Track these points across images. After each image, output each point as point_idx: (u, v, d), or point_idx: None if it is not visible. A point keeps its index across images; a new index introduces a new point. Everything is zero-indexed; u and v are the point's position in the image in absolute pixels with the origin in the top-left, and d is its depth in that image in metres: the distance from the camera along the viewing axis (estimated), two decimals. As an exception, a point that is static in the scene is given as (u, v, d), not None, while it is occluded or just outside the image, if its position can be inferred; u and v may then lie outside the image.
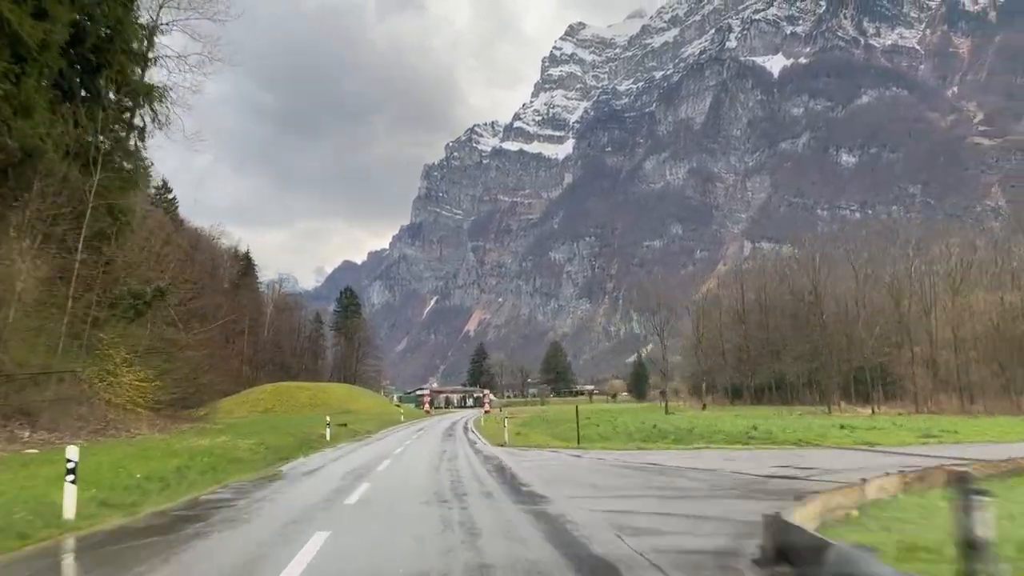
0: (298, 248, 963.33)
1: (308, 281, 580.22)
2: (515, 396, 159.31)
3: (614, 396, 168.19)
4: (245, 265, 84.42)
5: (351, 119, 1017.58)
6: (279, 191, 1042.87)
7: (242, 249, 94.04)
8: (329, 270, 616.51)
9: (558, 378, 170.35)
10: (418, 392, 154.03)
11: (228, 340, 65.94)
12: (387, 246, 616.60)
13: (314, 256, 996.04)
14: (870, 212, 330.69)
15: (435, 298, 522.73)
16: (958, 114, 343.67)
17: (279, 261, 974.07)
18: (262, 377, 77.13)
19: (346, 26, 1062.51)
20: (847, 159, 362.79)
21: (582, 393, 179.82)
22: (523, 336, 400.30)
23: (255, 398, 63.60)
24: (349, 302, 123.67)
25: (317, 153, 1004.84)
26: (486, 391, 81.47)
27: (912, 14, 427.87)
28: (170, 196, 62.49)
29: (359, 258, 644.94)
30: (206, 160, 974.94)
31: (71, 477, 9.83)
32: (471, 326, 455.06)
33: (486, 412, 69.85)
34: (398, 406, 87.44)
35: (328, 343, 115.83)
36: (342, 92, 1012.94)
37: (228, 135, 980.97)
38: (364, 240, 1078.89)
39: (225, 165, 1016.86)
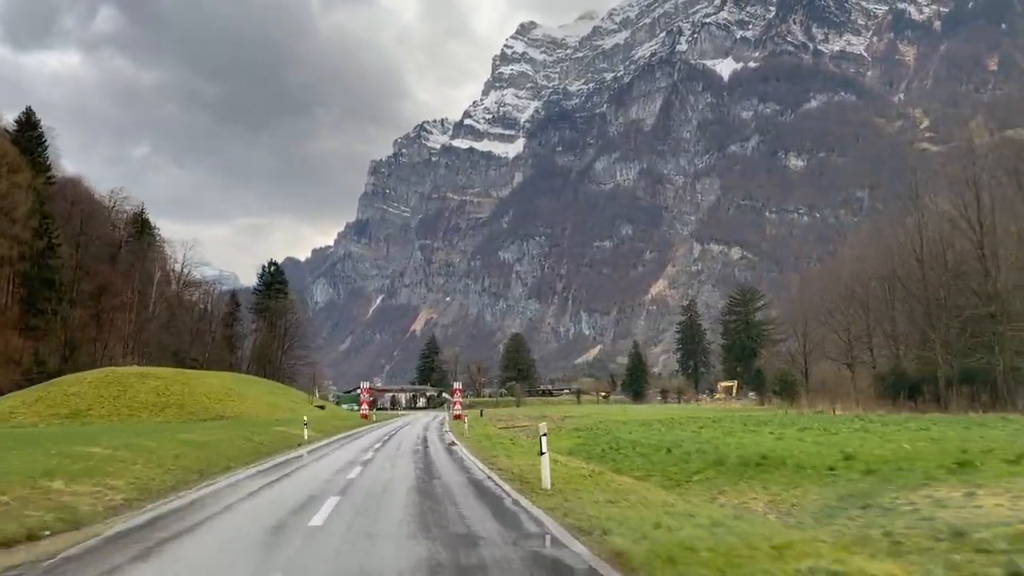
0: (241, 245, 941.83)
1: (250, 278, 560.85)
2: (476, 395, 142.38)
3: (606, 396, 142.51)
4: (138, 230, 70.76)
5: (296, 112, 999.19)
6: (221, 185, 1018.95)
7: (152, 220, 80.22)
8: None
9: (520, 376, 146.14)
10: (358, 391, 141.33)
11: (99, 318, 54.97)
12: (332, 243, 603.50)
13: (256, 253, 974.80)
14: (817, 216, 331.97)
15: (381, 297, 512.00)
16: (905, 120, 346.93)
17: (220, 257, 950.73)
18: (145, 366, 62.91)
19: (289, 16, 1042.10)
20: (795, 163, 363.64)
21: (551, 392, 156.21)
22: (471, 336, 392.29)
23: (61, 394, 41.00)
24: (273, 279, 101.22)
25: (261, 147, 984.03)
26: (457, 384, 68.14)
27: (859, 21, 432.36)
28: (35, 133, 52.68)
29: (303, 255, 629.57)
30: (143, 151, 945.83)
31: None
32: (417, 325, 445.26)
33: (457, 417, 54.81)
34: (321, 407, 69.26)
35: (246, 330, 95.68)
36: (286, 84, 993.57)
37: (167, 126, 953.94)
38: (309, 237, 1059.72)
39: (164, 156, 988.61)
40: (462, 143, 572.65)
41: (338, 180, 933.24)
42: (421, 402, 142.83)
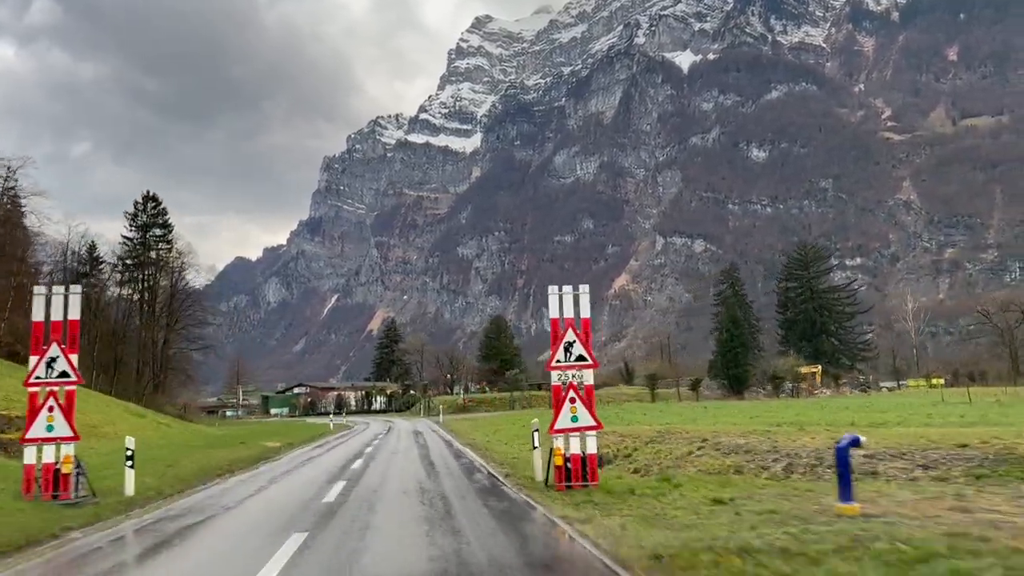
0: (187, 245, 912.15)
1: (198, 279, 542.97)
2: (469, 391, 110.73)
3: (695, 387, 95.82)
4: None
5: (243, 107, 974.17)
6: (166, 183, 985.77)
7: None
8: (222, 268, 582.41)
9: (503, 366, 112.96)
10: (295, 390, 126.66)
11: None
12: (284, 242, 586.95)
13: (205, 253, 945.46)
14: (781, 207, 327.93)
15: (336, 296, 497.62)
16: (866, 110, 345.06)
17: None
18: None
19: (233, 7, 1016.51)
20: (757, 154, 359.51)
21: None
22: (429, 334, 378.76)
23: None
24: (151, 219, 66.49)
25: (207, 143, 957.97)
26: (586, 302, 17.01)
27: (817, 13, 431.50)
28: None
29: (254, 254, 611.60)
30: (83, 148, 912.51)
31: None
32: (374, 325, 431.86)
33: (582, 466, 14.84)
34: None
35: (112, 298, 64.05)
36: (232, 78, 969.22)
37: (108, 122, 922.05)
38: (259, 236, 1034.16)
39: (105, 154, 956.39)
40: (418, 138, 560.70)
41: (289, 177, 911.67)
42: (379, 402, 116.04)
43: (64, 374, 15.79)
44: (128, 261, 65.25)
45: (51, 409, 15.49)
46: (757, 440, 18.73)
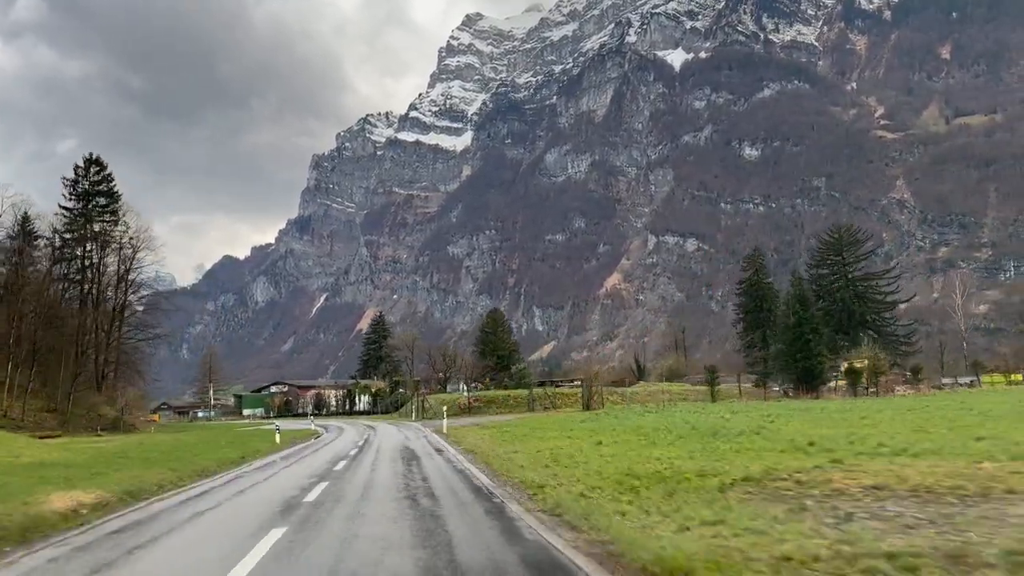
0: (175, 245, 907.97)
1: (187, 278, 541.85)
2: (473, 389, 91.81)
3: (762, 384, 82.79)
4: None
5: (231, 105, 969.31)
6: (154, 182, 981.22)
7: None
8: (210, 267, 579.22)
9: (500, 364, 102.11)
10: (272, 388, 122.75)
11: None
12: (273, 241, 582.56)
13: (193, 253, 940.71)
14: (773, 205, 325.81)
15: (325, 295, 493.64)
16: (859, 108, 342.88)
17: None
18: None
19: (220, 4, 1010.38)
20: (750, 152, 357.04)
21: (555, 384, 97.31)
22: (420, 333, 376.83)
23: None
24: (94, 186, 57.44)
25: (195, 141, 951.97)
26: None
27: (809, 11, 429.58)
28: None
29: (242, 253, 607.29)
30: (69, 146, 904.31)
31: None
32: (363, 324, 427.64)
33: None
34: None
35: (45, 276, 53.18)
36: (220, 76, 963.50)
37: (94, 119, 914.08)
38: (248, 235, 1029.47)
39: (92, 151, 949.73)
40: (408, 136, 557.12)
41: (278, 175, 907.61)
42: (362, 402, 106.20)
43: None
44: (67, 235, 55.74)
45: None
46: None
